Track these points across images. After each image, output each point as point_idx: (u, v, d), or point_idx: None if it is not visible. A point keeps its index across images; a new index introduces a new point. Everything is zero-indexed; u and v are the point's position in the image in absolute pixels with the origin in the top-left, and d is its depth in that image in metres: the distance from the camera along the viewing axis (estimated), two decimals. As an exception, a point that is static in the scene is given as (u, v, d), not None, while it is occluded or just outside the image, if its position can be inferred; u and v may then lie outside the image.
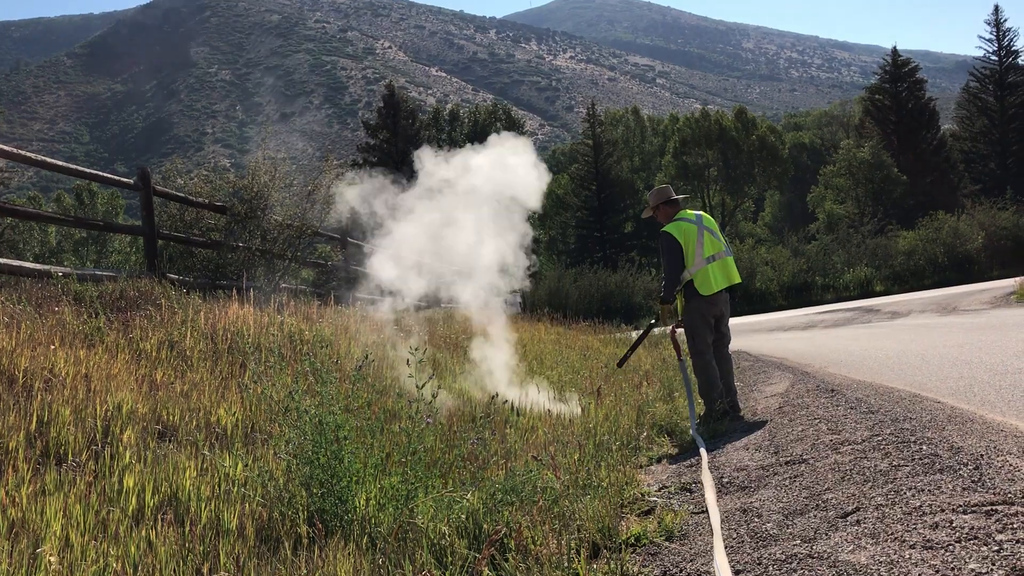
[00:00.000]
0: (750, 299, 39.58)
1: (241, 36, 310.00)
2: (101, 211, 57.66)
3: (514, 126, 54.94)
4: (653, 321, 8.05)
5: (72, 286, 7.44)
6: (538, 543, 3.46)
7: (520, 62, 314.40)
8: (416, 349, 4.75)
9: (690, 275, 7.00)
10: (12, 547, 3.15)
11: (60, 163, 8.82)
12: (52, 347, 5.55)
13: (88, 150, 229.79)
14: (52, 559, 2.99)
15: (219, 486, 4.02)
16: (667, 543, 3.70)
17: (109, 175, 9.85)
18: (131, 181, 9.59)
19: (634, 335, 17.55)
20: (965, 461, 3.83)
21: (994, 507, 3.13)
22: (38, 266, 7.96)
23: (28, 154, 8.25)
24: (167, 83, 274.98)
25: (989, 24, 54.86)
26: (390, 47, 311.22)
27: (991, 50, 54.91)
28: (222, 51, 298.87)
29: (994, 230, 39.07)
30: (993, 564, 2.62)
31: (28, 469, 3.87)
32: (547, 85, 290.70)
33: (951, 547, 2.82)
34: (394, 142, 48.95)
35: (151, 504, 3.79)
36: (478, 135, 53.15)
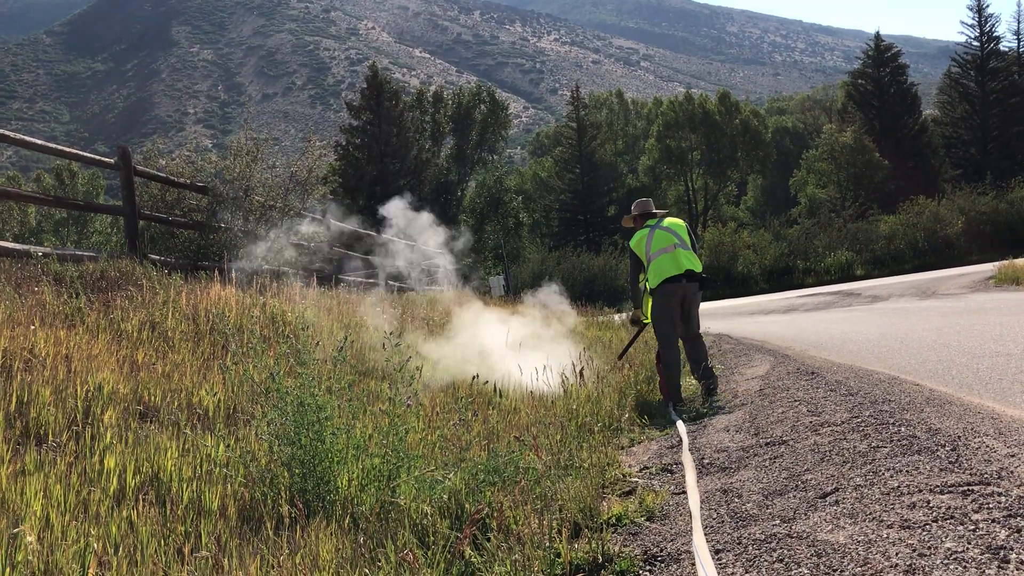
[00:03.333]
0: (732, 282, 39.78)
1: (223, 15, 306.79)
2: (81, 191, 57.14)
3: (498, 108, 54.63)
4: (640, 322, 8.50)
5: (52, 266, 7.38)
6: (520, 523, 3.48)
7: (504, 44, 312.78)
8: (392, 332, 4.74)
9: (645, 274, 7.33)
10: (-8, 527, 3.13)
11: (40, 142, 8.72)
12: (32, 327, 5.50)
13: (68, 130, 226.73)
14: (31, 539, 2.98)
15: (201, 467, 4.01)
16: (648, 523, 3.73)
17: (89, 155, 9.76)
18: (112, 161, 9.50)
19: (616, 318, 17.62)
20: (943, 442, 3.87)
21: (971, 487, 3.17)
22: (18, 246, 7.87)
23: (7, 133, 8.14)
24: (148, 62, 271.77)
25: (971, 10, 55.15)
26: (373, 28, 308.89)
27: (973, 36, 55.17)
28: (204, 30, 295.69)
29: (974, 215, 39.40)
30: (969, 543, 2.65)
31: (8, 449, 3.85)
32: (531, 67, 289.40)
33: (928, 526, 2.86)
34: (377, 124, 48.71)
35: (132, 484, 3.77)
36: (462, 117, 53.08)
